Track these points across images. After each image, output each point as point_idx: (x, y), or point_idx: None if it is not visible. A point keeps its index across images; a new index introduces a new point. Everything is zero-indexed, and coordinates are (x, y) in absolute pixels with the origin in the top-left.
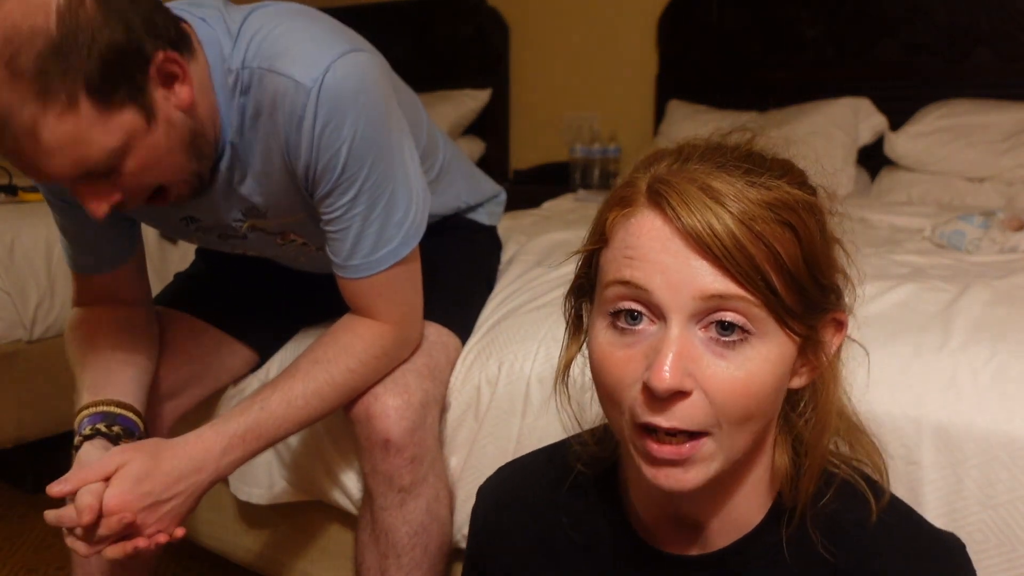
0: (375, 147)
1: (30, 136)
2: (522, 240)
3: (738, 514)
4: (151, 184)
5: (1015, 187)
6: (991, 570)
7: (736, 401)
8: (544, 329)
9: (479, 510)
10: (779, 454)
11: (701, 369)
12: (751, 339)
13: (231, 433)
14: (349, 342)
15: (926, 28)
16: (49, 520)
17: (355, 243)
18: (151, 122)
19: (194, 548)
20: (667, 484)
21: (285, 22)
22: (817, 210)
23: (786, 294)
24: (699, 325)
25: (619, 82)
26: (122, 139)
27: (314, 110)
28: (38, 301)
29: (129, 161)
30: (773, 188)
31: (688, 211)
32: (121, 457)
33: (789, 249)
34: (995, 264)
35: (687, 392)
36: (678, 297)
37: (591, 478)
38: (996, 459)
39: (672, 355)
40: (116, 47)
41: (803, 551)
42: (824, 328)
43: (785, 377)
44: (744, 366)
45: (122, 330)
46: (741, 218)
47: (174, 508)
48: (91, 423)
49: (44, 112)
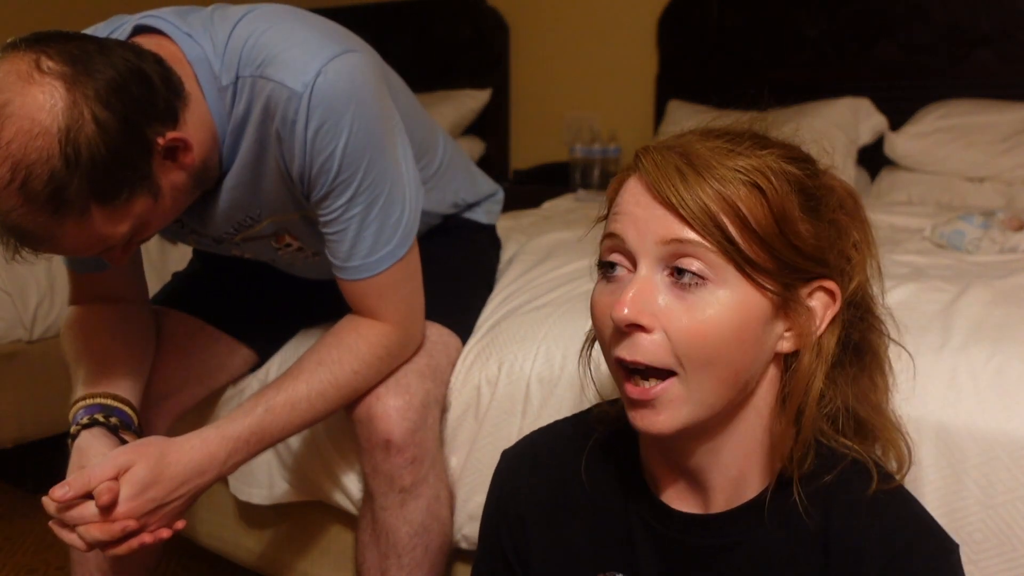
0: (370, 148)
1: (50, 242)
2: (522, 240)
3: (739, 474)
4: (157, 231)
5: (1015, 187)
6: (991, 570)
7: (692, 341)
8: (544, 329)
9: (502, 469)
10: (779, 423)
11: (660, 308)
12: (708, 284)
13: (235, 436)
14: (353, 343)
15: (926, 28)
16: (49, 509)
17: (353, 244)
18: (158, 198)
19: (194, 548)
20: (642, 425)
21: (274, 26)
22: (799, 182)
23: (747, 247)
24: (665, 271)
25: (619, 82)
26: (133, 223)
27: (306, 114)
28: (38, 301)
29: (142, 232)
30: (749, 156)
31: (655, 167)
32: (126, 458)
33: (753, 208)
34: (995, 264)
35: (647, 328)
36: (644, 243)
37: (610, 440)
38: (996, 459)
39: (633, 293)
40: (119, 153)
41: (800, 521)
42: (810, 295)
43: (751, 327)
44: (702, 309)
45: (118, 327)
46: (704, 175)
47: (175, 508)
48: (88, 413)
49: (61, 225)
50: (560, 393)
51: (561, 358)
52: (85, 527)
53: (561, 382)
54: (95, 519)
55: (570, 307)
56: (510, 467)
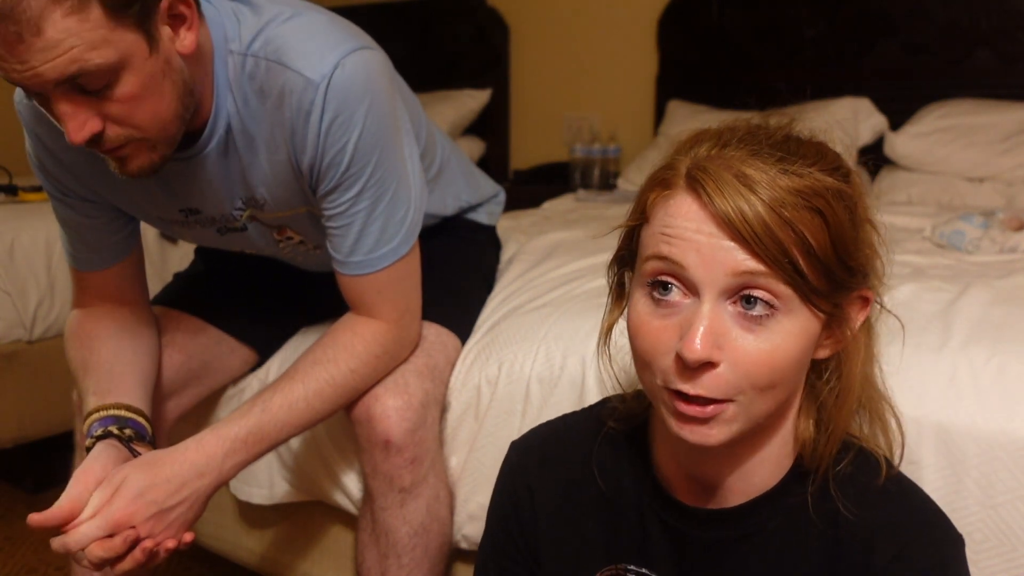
0: (380, 144)
1: (32, 27)
2: (522, 240)
3: (757, 477)
4: (132, 123)
5: (1015, 187)
6: (991, 570)
7: (760, 371)
8: (544, 329)
9: (511, 461)
10: (803, 421)
11: (729, 342)
12: (777, 315)
13: (232, 436)
14: (349, 341)
15: (926, 28)
16: (55, 547)
17: (357, 239)
18: (152, 50)
19: (195, 548)
20: (692, 438)
21: (295, 17)
22: (846, 196)
23: (812, 275)
24: (729, 301)
25: (619, 82)
26: (121, 56)
27: (322, 105)
28: (38, 301)
29: (122, 84)
30: (804, 175)
31: (722, 197)
32: (119, 476)
33: (817, 234)
34: (995, 264)
35: (715, 363)
36: (710, 274)
37: (622, 434)
38: (996, 459)
39: (703, 328)
40: None
41: (817, 511)
42: (850, 305)
43: (808, 350)
44: (770, 339)
45: (123, 332)
46: (771, 204)
47: (180, 515)
48: (102, 426)
49: (53, 7)
50: (560, 393)
51: (561, 358)
52: (89, 548)
53: (561, 382)
54: (92, 538)
55: (570, 307)
56: (519, 459)
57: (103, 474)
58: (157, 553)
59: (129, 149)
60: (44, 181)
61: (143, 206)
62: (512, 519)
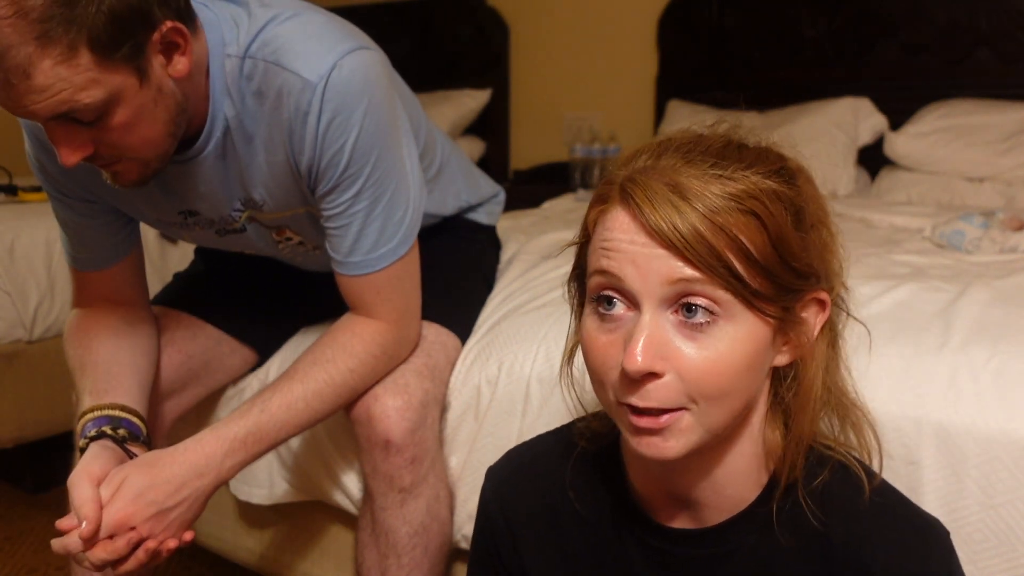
0: (379, 144)
1: (21, 74)
2: (522, 240)
3: (733, 491)
4: (124, 148)
5: (1015, 187)
6: (991, 570)
7: (706, 380)
8: (544, 329)
9: (488, 487)
10: (770, 430)
11: (673, 351)
12: (719, 321)
13: (231, 436)
14: (347, 342)
15: (926, 28)
16: (56, 549)
17: (356, 240)
18: (143, 83)
19: (195, 548)
20: (649, 452)
21: (293, 17)
22: (786, 198)
23: (752, 279)
24: (670, 310)
25: (619, 82)
26: (111, 93)
27: (319, 106)
28: (38, 301)
29: (113, 117)
30: (738, 179)
31: (652, 208)
32: (119, 476)
33: (753, 237)
34: (995, 264)
35: (659, 374)
36: (647, 284)
37: (594, 454)
38: (996, 459)
39: (643, 340)
40: (126, 6)
41: (796, 525)
42: (804, 308)
43: (759, 356)
44: (714, 347)
45: (122, 332)
46: (703, 212)
47: (180, 515)
48: (96, 426)
49: (41, 56)
50: (560, 393)
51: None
52: (91, 551)
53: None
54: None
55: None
56: (495, 488)
57: (102, 475)
58: (159, 553)
59: (121, 165)
60: (44, 181)
61: (142, 208)
62: (494, 556)
